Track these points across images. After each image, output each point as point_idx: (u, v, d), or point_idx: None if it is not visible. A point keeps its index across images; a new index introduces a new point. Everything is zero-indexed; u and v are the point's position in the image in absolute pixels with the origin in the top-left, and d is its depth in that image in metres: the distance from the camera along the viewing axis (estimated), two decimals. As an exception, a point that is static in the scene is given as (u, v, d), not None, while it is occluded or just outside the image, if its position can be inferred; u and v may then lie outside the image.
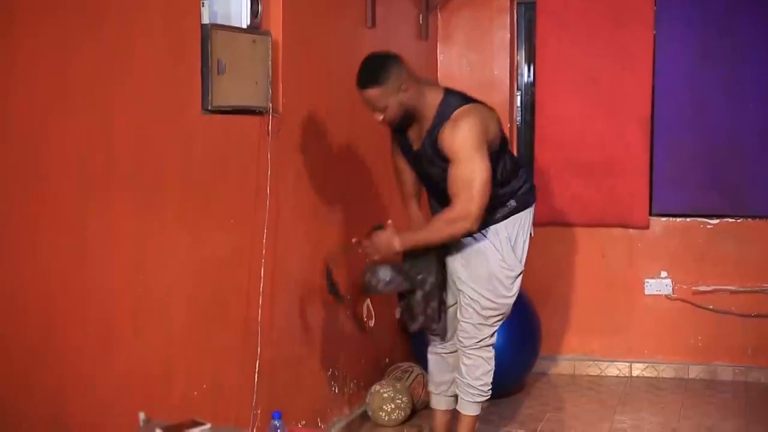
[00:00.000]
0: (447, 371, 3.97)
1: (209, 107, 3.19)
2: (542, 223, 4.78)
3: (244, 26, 3.43)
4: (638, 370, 5.46)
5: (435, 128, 3.60)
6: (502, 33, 5.55)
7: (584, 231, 5.48)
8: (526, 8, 5.65)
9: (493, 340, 3.88)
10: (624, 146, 5.34)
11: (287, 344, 3.81)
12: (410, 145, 3.75)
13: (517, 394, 5.06)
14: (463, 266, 3.78)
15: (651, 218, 5.40)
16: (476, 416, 3.94)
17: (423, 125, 3.65)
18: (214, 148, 3.26)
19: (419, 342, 4.89)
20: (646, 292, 5.44)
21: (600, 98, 5.33)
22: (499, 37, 5.54)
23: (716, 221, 5.35)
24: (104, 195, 2.71)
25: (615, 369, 5.48)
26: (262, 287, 3.52)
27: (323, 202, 4.11)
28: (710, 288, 5.35)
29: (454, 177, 3.55)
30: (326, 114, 4.11)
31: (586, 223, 5.46)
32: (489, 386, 3.89)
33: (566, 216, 5.41)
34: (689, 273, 5.39)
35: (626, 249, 5.46)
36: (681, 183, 5.34)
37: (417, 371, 4.70)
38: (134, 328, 2.86)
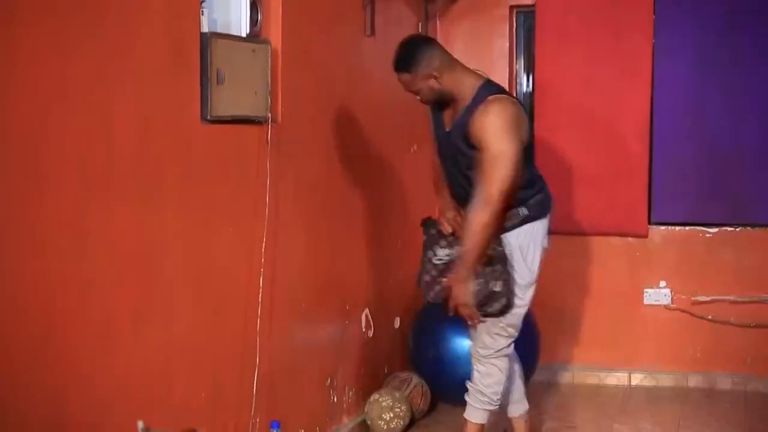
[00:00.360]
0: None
1: (208, 117, 3.18)
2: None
3: (244, 35, 3.43)
4: (637, 380, 5.45)
5: (467, 112, 3.62)
6: (501, 42, 5.56)
7: (583, 240, 5.48)
8: (525, 17, 5.65)
9: (510, 350, 3.88)
10: (623, 155, 5.34)
11: (286, 353, 3.80)
12: (443, 125, 3.78)
13: (516, 404, 5.05)
14: None
15: (650, 227, 5.40)
16: (483, 425, 3.94)
17: (457, 109, 3.69)
18: (213, 158, 3.25)
19: (418, 351, 4.89)
20: (645, 302, 5.43)
21: (599, 108, 5.33)
22: (498, 46, 5.55)
23: (715, 230, 5.35)
24: (104, 195, 2.71)
25: (614, 378, 5.47)
26: (261, 296, 3.52)
27: (322, 212, 4.10)
28: (709, 298, 5.35)
29: (481, 162, 3.56)
30: (325, 123, 4.11)
31: (585, 232, 5.46)
32: (499, 395, 3.89)
33: (565, 225, 5.39)
34: (688, 282, 5.38)
35: (625, 258, 5.45)
36: (680, 192, 5.34)
37: (416, 380, 4.69)
38: (134, 329, 2.86)
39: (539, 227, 3.80)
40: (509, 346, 3.87)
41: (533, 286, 3.83)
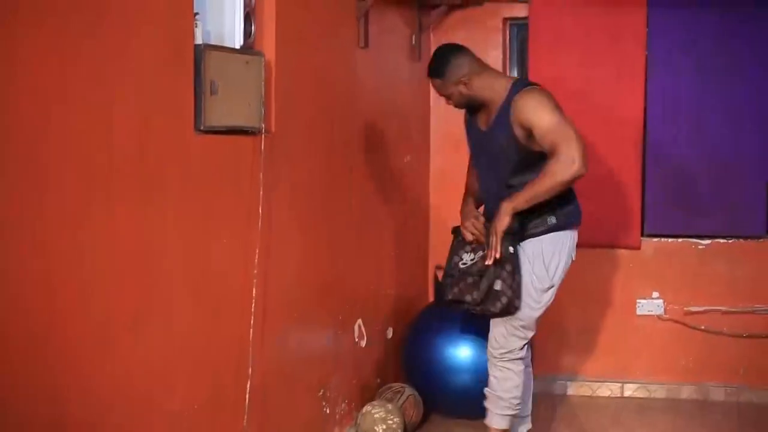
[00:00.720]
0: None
1: (202, 127, 3.19)
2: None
3: (237, 47, 3.44)
4: (630, 391, 5.46)
5: (505, 107, 3.75)
6: (495, 53, 5.58)
7: (576, 251, 5.47)
8: (519, 29, 5.68)
9: (523, 354, 3.91)
10: (616, 166, 5.35)
11: (279, 364, 3.80)
12: (478, 127, 3.93)
13: (509, 415, 5.04)
14: None
15: (643, 239, 5.41)
16: (506, 430, 3.96)
17: (491, 110, 3.82)
18: (207, 168, 3.26)
19: (411, 362, 4.89)
20: (638, 313, 5.44)
21: (591, 118, 5.33)
22: (492, 57, 5.55)
23: (708, 242, 5.37)
24: (104, 196, 2.71)
25: (607, 389, 5.48)
26: (254, 307, 3.52)
27: (315, 222, 4.11)
28: (702, 308, 5.36)
29: (544, 131, 3.64)
30: (319, 134, 4.12)
31: (578, 244, 5.44)
32: (518, 400, 3.93)
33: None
34: (681, 293, 5.40)
35: (618, 269, 5.46)
36: (673, 203, 5.35)
37: (409, 392, 4.69)
38: (134, 329, 2.86)
39: (565, 238, 3.87)
40: (522, 349, 3.90)
41: (551, 291, 3.89)
